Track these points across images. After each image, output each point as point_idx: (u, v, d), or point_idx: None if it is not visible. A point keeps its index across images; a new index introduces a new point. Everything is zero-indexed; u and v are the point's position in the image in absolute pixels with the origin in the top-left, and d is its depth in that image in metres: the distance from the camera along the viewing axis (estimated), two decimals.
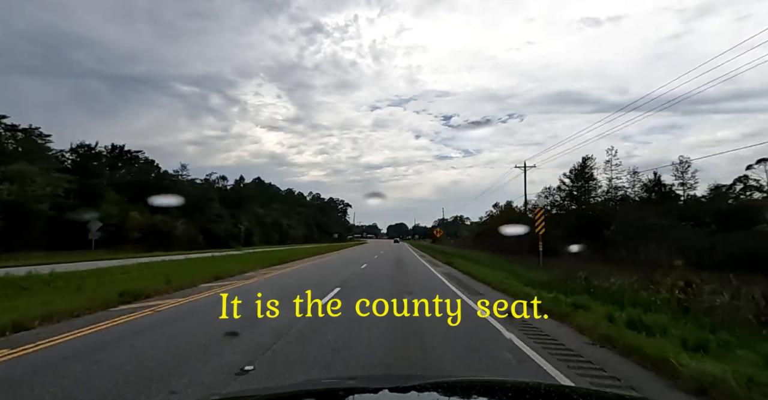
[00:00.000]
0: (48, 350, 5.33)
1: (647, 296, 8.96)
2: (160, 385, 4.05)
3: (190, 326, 6.89)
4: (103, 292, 9.32)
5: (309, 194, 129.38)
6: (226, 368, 4.61)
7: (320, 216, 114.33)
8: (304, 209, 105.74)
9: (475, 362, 5.11)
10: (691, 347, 5.07)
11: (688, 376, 4.14)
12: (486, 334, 6.62)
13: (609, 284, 10.67)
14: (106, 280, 11.91)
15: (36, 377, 4.27)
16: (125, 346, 5.52)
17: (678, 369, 4.28)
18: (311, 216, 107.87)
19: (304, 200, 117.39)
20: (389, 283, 14.11)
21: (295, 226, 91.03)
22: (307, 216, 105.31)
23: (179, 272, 13.70)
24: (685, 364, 4.28)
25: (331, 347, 5.57)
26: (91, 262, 18.10)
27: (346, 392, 1.73)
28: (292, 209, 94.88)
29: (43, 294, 9.18)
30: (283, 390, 2.11)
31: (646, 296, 9.08)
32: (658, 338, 5.59)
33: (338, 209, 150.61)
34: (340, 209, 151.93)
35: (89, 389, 3.95)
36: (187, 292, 10.90)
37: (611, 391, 3.67)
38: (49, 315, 6.93)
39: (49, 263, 16.07)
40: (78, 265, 15.82)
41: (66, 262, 18.02)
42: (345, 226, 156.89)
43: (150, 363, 4.76)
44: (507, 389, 1.79)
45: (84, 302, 8.02)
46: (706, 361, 4.43)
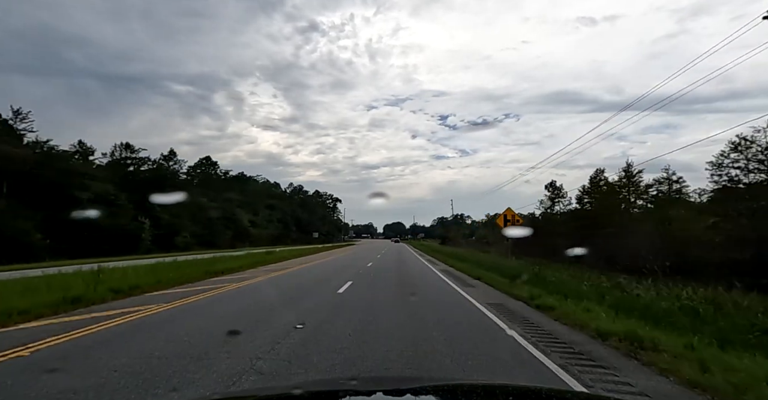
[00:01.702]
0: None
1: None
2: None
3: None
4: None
5: (289, 186, 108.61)
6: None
7: (301, 212, 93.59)
8: (278, 202, 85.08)
9: None
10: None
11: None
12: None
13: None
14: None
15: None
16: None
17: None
18: (289, 212, 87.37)
19: (279, 192, 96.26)
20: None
21: (263, 223, 70.45)
22: (284, 211, 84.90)
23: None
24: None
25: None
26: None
27: (345, 393, 1.69)
28: (261, 202, 74.20)
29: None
30: (281, 391, 2.13)
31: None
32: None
33: (326, 204, 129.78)
34: (328, 205, 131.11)
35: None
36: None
37: (613, 396, 3.80)
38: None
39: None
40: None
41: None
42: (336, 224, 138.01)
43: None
44: (508, 393, 1.74)
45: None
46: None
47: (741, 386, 3.91)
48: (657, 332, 6.07)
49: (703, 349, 5.15)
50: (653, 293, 9.42)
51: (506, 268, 17.38)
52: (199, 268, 15.56)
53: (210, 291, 10.72)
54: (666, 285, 10.30)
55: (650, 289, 9.92)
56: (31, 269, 14.86)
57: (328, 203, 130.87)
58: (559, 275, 14.80)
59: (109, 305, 8.36)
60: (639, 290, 9.92)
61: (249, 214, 67.48)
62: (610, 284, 11.82)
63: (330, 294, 10.68)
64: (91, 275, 10.34)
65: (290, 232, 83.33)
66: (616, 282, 12.00)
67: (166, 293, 10.21)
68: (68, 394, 3.66)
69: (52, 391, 3.72)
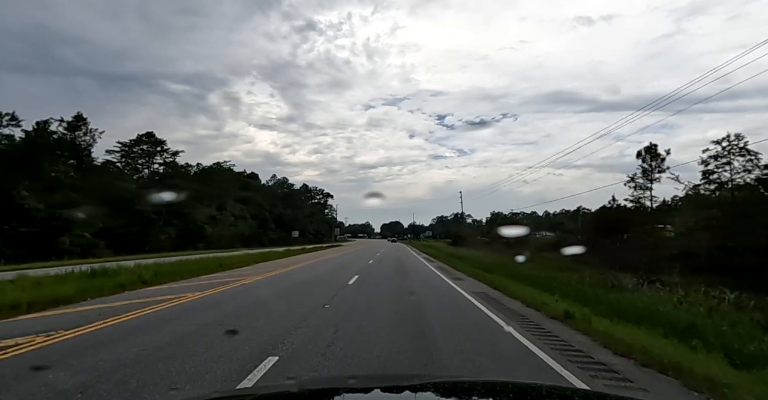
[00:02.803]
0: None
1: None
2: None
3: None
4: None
5: (272, 178, 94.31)
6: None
7: (283, 208, 79.39)
8: (255, 196, 71.01)
9: None
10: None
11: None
12: None
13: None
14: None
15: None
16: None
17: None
18: (268, 207, 73.24)
19: (256, 183, 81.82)
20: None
21: (228, 219, 56.42)
22: (260, 207, 70.79)
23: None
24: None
25: None
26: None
27: (344, 391, 1.66)
28: (228, 193, 60.02)
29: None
30: (281, 389, 2.06)
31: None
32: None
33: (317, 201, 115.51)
34: (319, 202, 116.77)
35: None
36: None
37: (614, 393, 3.78)
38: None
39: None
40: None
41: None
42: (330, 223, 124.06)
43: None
44: (508, 391, 1.72)
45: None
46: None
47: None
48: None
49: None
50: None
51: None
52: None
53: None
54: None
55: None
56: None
57: (319, 199, 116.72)
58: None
59: None
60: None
61: (211, 208, 53.49)
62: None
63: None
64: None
65: (268, 230, 69.30)
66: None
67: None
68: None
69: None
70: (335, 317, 7.68)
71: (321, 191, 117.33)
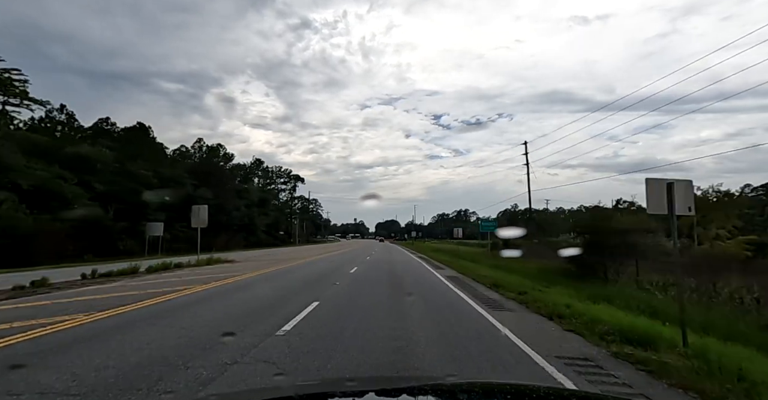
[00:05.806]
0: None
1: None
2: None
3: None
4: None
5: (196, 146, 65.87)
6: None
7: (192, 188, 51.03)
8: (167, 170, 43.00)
9: None
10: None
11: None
12: None
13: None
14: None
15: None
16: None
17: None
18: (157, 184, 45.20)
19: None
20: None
21: None
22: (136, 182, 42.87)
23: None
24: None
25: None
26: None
27: (341, 394, 1.67)
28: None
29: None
30: (276, 394, 1.97)
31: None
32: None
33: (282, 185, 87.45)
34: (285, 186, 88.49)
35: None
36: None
37: (612, 395, 3.76)
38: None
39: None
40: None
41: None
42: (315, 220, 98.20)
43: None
44: (505, 392, 1.73)
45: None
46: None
47: None
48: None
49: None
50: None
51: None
52: None
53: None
54: None
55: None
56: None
57: (282, 182, 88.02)
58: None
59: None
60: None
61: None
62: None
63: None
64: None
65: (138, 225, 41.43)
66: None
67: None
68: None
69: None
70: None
71: (286, 172, 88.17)
